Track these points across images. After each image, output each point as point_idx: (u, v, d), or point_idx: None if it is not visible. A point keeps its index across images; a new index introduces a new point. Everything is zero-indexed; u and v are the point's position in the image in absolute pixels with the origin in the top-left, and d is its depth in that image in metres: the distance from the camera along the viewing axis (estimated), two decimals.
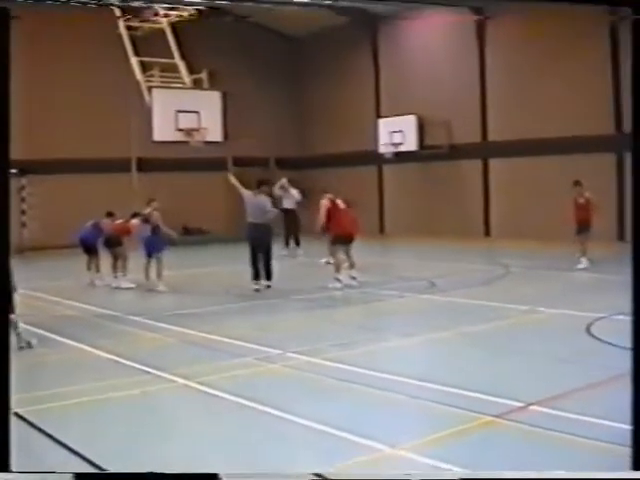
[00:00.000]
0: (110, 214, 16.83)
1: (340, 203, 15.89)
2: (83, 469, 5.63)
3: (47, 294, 15.41)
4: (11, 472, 4.52)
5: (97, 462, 5.75)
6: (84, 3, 6.42)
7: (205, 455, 5.96)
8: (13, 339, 8.76)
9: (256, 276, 15.31)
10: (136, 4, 21.49)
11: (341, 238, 15.67)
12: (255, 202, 15.33)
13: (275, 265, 15.70)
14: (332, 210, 15.86)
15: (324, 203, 16.16)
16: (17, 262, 10.42)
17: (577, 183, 17.47)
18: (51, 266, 22.19)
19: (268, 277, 15.46)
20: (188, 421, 7.14)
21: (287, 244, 22.27)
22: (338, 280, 15.33)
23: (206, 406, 7.58)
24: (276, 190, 21.64)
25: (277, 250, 20.92)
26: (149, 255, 15.94)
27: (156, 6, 24.77)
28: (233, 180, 15.95)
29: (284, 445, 6.21)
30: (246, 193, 15.61)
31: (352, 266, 15.71)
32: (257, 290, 15.05)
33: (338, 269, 15.52)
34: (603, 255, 17.84)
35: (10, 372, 4.55)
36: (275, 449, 6.10)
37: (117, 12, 25.03)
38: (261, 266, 15.31)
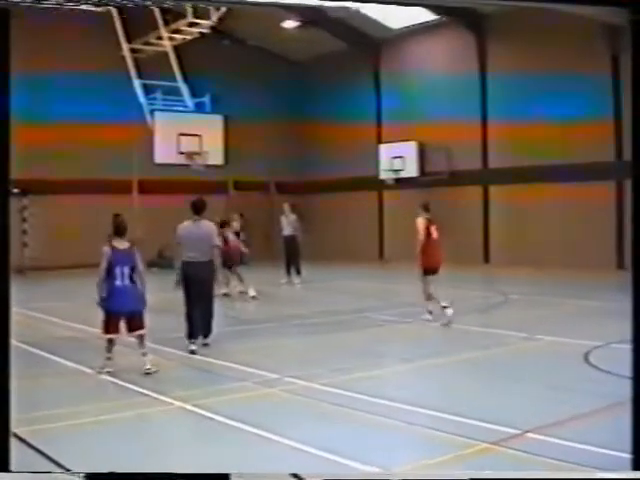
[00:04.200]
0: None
1: (434, 231, 13.92)
2: None
3: (46, 314, 15.40)
4: (11, 472, 4.53)
5: None
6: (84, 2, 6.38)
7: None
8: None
9: (191, 334, 11.36)
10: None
11: (430, 270, 13.90)
12: (196, 232, 11.34)
13: (276, 290, 15.42)
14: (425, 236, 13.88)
15: (421, 222, 13.86)
16: (17, 282, 10.43)
17: None
18: (51, 286, 22.19)
19: (206, 332, 11.66)
20: (181, 443, 7.14)
21: (288, 273, 20.68)
22: (429, 312, 13.96)
23: (201, 429, 7.57)
24: (283, 219, 21.36)
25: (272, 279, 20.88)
26: None
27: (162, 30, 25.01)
28: None
29: (275, 468, 6.15)
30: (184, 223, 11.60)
31: (429, 298, 13.97)
32: (193, 352, 11.13)
33: (429, 298, 13.95)
34: (602, 283, 17.84)
35: (10, 374, 4.57)
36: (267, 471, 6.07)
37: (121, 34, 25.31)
38: (199, 317, 11.47)
